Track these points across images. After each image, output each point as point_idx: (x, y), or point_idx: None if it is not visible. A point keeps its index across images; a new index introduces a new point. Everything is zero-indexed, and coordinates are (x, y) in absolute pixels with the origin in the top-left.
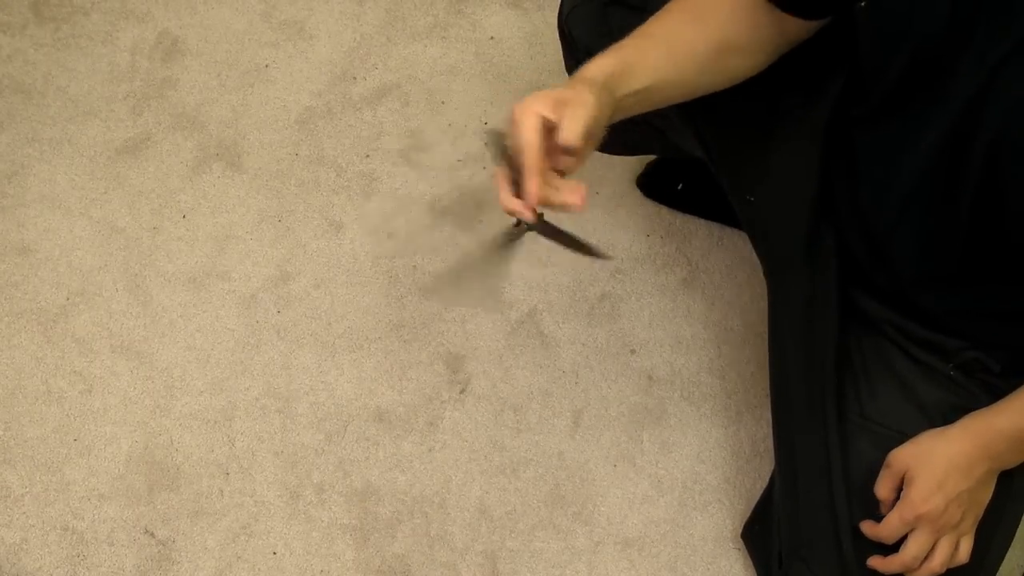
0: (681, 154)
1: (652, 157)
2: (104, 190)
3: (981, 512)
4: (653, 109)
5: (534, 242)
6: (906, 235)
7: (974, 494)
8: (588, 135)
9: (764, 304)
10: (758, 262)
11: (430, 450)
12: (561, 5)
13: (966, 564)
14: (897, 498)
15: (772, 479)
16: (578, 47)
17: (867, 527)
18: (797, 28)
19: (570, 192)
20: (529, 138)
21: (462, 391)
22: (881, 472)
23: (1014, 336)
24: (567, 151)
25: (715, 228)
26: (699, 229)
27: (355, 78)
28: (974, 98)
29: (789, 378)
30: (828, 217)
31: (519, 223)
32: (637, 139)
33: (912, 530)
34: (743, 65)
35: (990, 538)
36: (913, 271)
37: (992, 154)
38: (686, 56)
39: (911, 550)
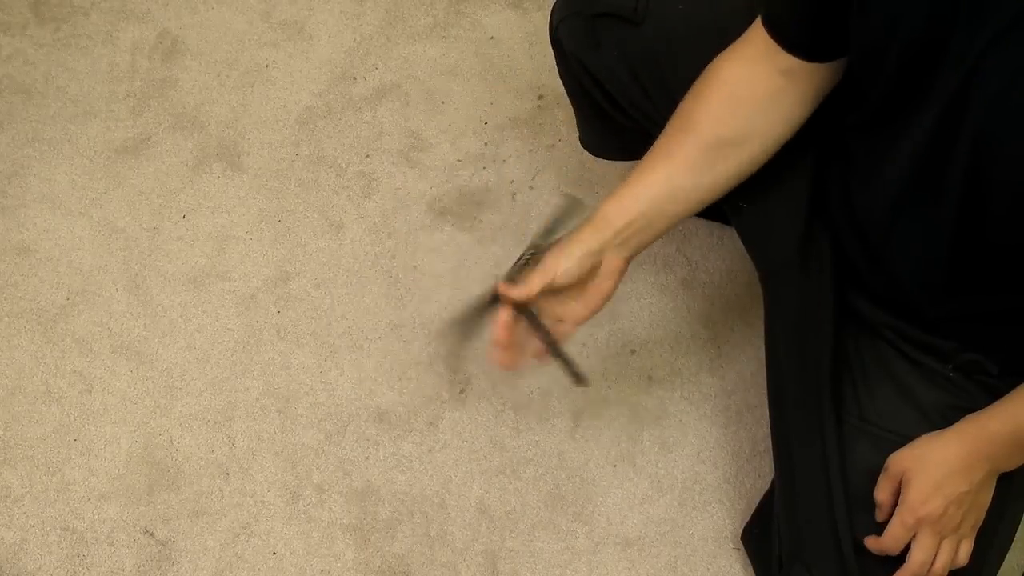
0: None
1: None
2: (104, 190)
3: (982, 515)
4: None
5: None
6: (899, 240)
7: (973, 496)
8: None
9: (763, 305)
10: None
11: (430, 450)
12: (551, 15)
13: (966, 566)
14: (896, 503)
15: (773, 481)
16: (568, 58)
17: (871, 542)
18: (820, 80)
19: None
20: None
21: (462, 391)
22: (880, 476)
23: (1009, 338)
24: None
25: (715, 228)
26: (699, 229)
27: (355, 78)
28: (955, 96)
29: (784, 381)
30: (823, 222)
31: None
32: (636, 145)
33: (914, 537)
34: (770, 150)
35: (990, 539)
36: (908, 276)
37: (975, 153)
38: (700, 200)
39: (917, 556)
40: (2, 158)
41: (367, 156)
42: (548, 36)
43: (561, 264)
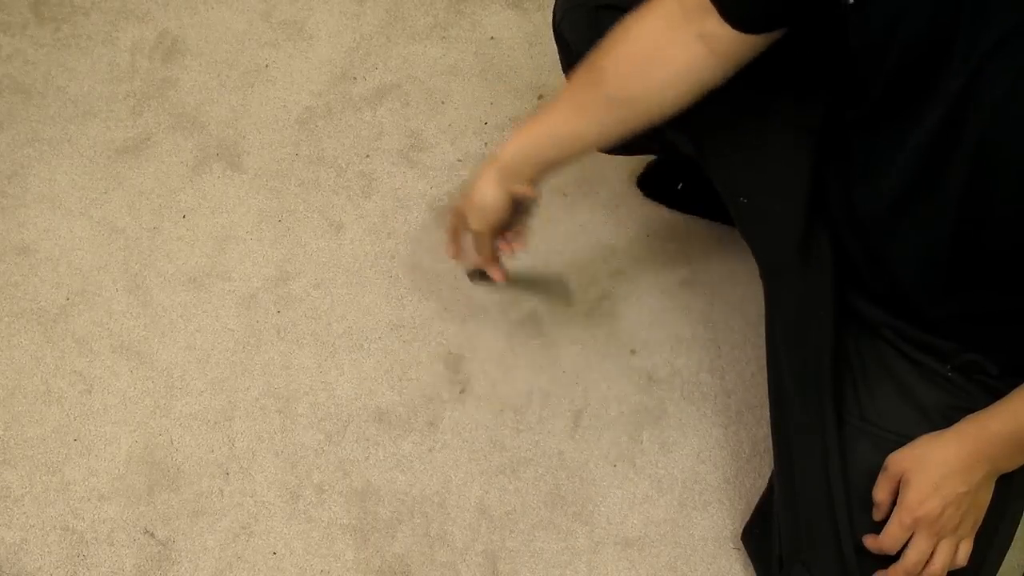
0: (680, 154)
1: (652, 157)
2: (104, 190)
3: (981, 516)
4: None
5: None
6: (900, 240)
7: (972, 497)
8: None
9: (763, 304)
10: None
11: (430, 450)
12: (554, 10)
13: (965, 566)
14: (894, 503)
15: (771, 480)
16: (572, 51)
17: (869, 541)
18: (742, 52)
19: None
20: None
21: (462, 391)
22: (879, 475)
23: (1009, 338)
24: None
25: (715, 228)
26: (699, 229)
27: (355, 78)
28: (959, 98)
29: (784, 381)
30: (823, 221)
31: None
32: (638, 140)
33: (912, 536)
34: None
35: (990, 539)
36: (909, 275)
37: (978, 155)
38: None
39: (911, 556)
40: (2, 158)
41: (367, 156)
42: (548, 36)
43: (485, 218)
